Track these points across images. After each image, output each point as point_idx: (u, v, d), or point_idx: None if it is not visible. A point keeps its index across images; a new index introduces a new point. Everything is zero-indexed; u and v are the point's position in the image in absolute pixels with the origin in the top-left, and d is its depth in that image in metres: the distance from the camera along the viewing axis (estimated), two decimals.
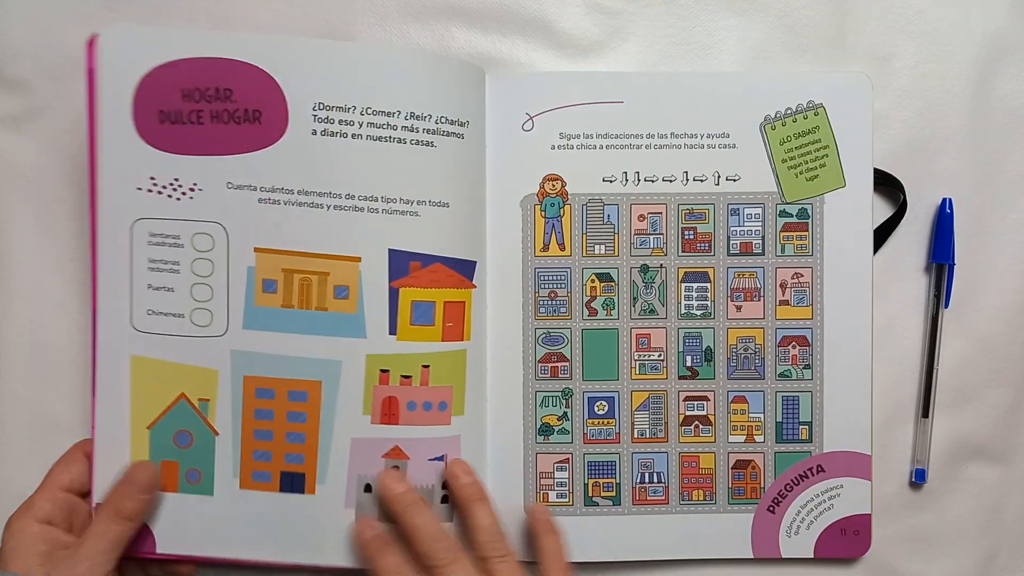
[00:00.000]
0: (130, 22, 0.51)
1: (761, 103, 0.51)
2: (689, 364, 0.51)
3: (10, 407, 0.52)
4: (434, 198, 0.47)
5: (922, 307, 0.54)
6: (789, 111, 0.51)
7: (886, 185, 0.52)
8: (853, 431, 0.51)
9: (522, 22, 0.53)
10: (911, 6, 0.53)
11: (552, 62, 0.53)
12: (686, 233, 0.51)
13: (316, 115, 0.45)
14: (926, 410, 0.53)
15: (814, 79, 0.51)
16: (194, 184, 0.46)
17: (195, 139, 0.46)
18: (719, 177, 0.51)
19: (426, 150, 0.47)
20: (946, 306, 0.53)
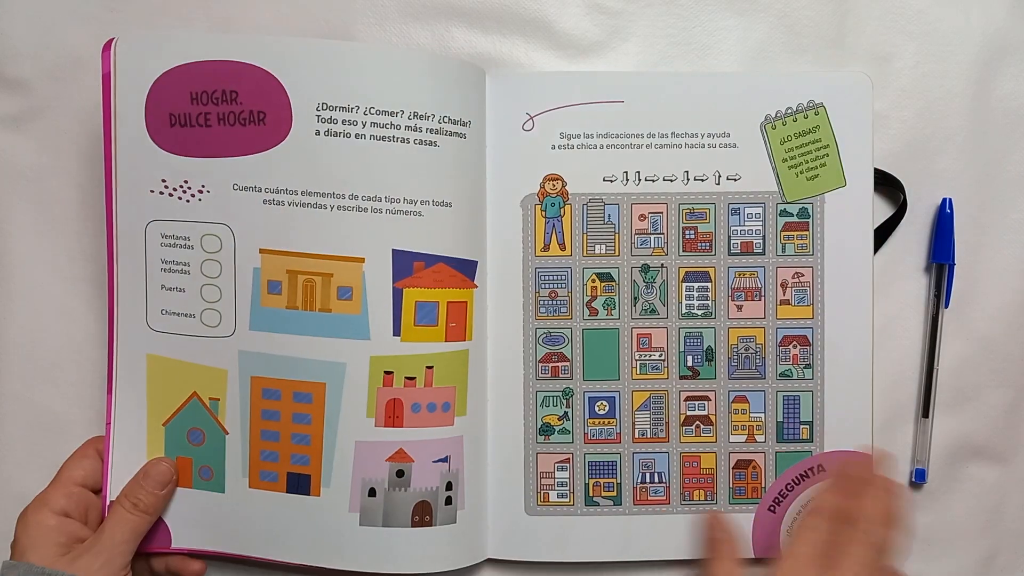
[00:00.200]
0: (130, 23, 0.51)
1: (761, 103, 0.51)
2: (690, 364, 0.51)
3: (10, 407, 0.52)
4: (437, 198, 0.47)
5: (922, 307, 0.54)
6: (789, 111, 0.51)
7: (886, 185, 0.52)
8: (853, 431, 0.51)
9: (522, 22, 0.53)
10: (911, 6, 0.53)
11: (552, 62, 0.53)
12: (687, 233, 0.51)
13: (320, 115, 0.45)
14: (926, 410, 0.53)
15: (814, 79, 0.51)
16: (202, 186, 0.46)
17: (203, 141, 0.46)
18: (720, 177, 0.51)
19: (429, 150, 0.47)
20: (946, 306, 0.53)
